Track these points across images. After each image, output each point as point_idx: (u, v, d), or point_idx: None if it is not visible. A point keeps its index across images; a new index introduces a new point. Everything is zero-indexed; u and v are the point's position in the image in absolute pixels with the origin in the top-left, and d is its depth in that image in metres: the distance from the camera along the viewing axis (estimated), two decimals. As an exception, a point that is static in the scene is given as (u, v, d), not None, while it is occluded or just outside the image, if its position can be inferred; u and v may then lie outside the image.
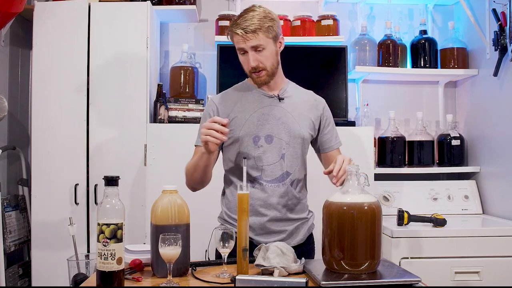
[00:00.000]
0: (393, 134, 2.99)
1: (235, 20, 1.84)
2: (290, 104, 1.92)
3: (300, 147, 1.90)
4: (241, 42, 1.81)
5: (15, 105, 2.97)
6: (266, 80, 1.87)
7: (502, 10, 2.63)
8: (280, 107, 1.90)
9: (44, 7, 2.75)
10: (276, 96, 1.91)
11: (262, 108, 1.89)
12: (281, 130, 1.87)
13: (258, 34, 1.80)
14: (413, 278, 1.46)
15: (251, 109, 1.89)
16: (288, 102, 1.92)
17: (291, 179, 1.88)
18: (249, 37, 1.79)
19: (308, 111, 1.94)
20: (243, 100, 1.92)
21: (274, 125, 1.87)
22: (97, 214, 1.43)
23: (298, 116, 1.91)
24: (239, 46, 1.83)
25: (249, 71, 1.87)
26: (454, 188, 2.96)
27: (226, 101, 1.94)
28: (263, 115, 1.88)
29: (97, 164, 2.68)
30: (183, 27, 3.20)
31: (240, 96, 1.94)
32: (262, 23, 1.81)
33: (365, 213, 1.50)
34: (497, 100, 2.78)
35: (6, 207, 2.71)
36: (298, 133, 1.89)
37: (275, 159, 1.86)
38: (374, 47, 3.03)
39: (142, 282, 1.51)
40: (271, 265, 1.53)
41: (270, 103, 1.90)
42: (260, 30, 1.80)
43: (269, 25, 1.82)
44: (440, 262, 2.41)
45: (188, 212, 1.60)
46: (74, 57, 2.72)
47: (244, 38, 1.79)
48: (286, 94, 1.94)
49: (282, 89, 1.94)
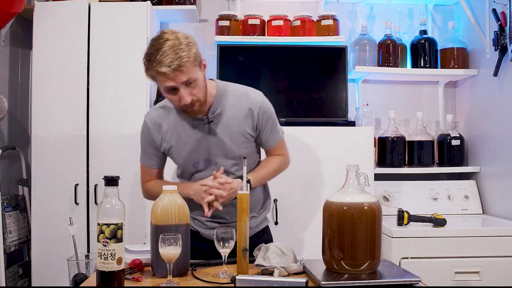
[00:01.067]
0: (393, 134, 2.99)
1: (151, 55, 1.65)
2: (221, 125, 1.85)
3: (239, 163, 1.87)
4: (169, 81, 1.65)
5: (15, 105, 2.97)
6: (199, 110, 1.77)
7: (502, 10, 2.63)
8: (211, 129, 1.85)
9: (44, 7, 2.75)
10: (206, 118, 1.84)
11: (195, 133, 1.85)
12: (217, 153, 1.86)
13: (187, 67, 1.65)
14: (413, 278, 1.46)
15: (184, 136, 1.85)
16: (220, 122, 1.84)
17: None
18: (177, 74, 1.63)
19: (241, 125, 1.86)
20: (176, 126, 1.86)
21: (209, 148, 1.85)
22: (97, 214, 1.43)
23: (231, 135, 1.85)
24: (167, 85, 1.66)
25: (181, 108, 1.75)
26: (454, 188, 2.96)
27: (159, 126, 1.88)
28: (196, 141, 1.85)
29: (97, 164, 2.68)
30: (183, 27, 3.20)
31: (172, 120, 1.87)
32: (187, 53, 1.65)
33: (365, 213, 1.50)
34: (497, 100, 2.78)
35: (6, 207, 2.71)
36: (234, 154, 1.86)
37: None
38: (374, 47, 3.03)
39: (142, 282, 1.51)
40: (271, 265, 1.53)
41: (201, 128, 1.85)
42: (188, 62, 1.64)
43: (194, 52, 1.68)
44: (440, 262, 2.41)
45: (188, 212, 1.60)
46: (74, 57, 2.72)
47: (174, 76, 1.63)
48: (216, 111, 1.84)
49: (211, 107, 1.84)
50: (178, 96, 1.70)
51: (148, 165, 1.95)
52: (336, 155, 2.65)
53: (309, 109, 2.89)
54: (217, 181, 1.77)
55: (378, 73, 3.06)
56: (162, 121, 1.89)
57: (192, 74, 1.68)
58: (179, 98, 1.70)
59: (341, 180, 1.59)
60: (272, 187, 2.63)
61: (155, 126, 1.88)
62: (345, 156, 2.64)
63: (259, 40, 2.96)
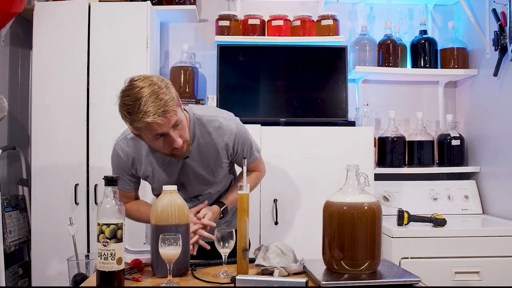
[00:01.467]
0: (393, 134, 2.99)
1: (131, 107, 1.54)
2: (197, 159, 1.83)
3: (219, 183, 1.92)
4: (159, 128, 1.57)
5: (15, 105, 2.97)
6: (188, 150, 1.73)
7: (502, 10, 2.63)
8: (186, 164, 1.83)
9: (44, 7, 2.75)
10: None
11: (169, 167, 1.84)
12: (192, 181, 1.88)
13: (175, 110, 1.59)
14: (413, 278, 1.46)
15: (159, 169, 1.84)
16: (194, 157, 1.82)
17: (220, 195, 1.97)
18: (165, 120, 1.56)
19: (217, 158, 1.85)
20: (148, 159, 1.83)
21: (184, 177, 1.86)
22: (97, 214, 1.43)
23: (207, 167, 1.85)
24: (157, 132, 1.59)
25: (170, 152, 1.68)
26: (454, 188, 2.96)
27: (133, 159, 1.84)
28: (171, 173, 1.85)
29: (97, 164, 2.68)
30: (183, 27, 3.20)
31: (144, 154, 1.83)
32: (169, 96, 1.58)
33: (365, 213, 1.50)
34: (497, 100, 2.78)
35: (6, 207, 2.71)
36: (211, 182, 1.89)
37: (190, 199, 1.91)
38: (374, 47, 3.03)
39: (142, 282, 1.51)
40: (271, 265, 1.53)
41: (176, 162, 1.83)
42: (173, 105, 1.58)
43: (174, 92, 1.62)
44: (440, 262, 2.41)
45: (188, 212, 1.60)
46: (74, 57, 2.72)
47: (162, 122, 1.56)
48: (192, 148, 1.79)
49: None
50: (167, 141, 1.64)
51: (124, 189, 1.91)
52: (336, 155, 2.65)
53: (309, 109, 2.89)
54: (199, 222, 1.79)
55: (378, 73, 3.06)
56: (134, 154, 1.84)
57: (178, 116, 1.61)
58: (169, 143, 1.64)
59: (341, 180, 1.59)
60: (272, 187, 2.64)
61: (128, 158, 1.84)
62: (345, 156, 2.64)
63: (259, 40, 2.96)
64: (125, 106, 1.58)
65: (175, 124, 1.62)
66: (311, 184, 2.67)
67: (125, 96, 1.58)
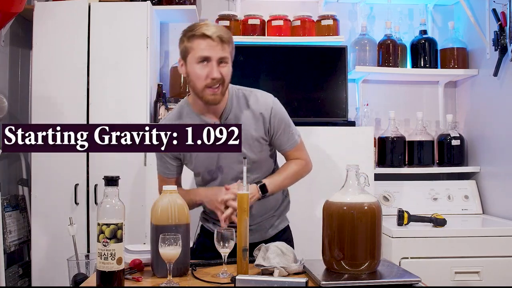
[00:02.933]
0: (393, 134, 2.99)
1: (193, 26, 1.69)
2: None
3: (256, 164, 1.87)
4: (208, 49, 1.66)
5: (15, 105, 2.97)
6: (219, 99, 1.75)
7: (502, 10, 2.63)
8: None
9: (44, 7, 2.75)
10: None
11: None
12: (230, 160, 1.83)
13: (229, 46, 1.69)
14: (413, 278, 1.46)
15: None
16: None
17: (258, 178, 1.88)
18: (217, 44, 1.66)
19: (254, 130, 1.84)
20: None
21: (221, 156, 1.83)
22: (97, 214, 1.43)
23: (245, 140, 1.79)
24: (203, 54, 1.67)
25: (205, 85, 1.71)
26: (454, 188, 2.96)
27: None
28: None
29: (97, 164, 2.68)
30: (183, 27, 3.13)
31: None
32: (229, 36, 1.69)
33: (365, 213, 1.50)
34: (497, 100, 2.78)
35: (6, 207, 2.71)
36: (248, 159, 1.82)
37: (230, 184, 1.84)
38: (374, 47, 3.03)
39: (142, 282, 1.51)
40: (271, 265, 1.53)
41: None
42: (230, 43, 1.68)
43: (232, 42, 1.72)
44: (440, 262, 2.41)
45: (188, 212, 1.60)
46: (74, 57, 2.72)
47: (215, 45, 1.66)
48: (229, 116, 1.82)
49: (223, 114, 1.82)
50: (207, 69, 1.69)
51: (164, 174, 1.92)
52: (336, 155, 2.65)
53: (309, 109, 2.89)
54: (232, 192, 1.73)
55: (378, 73, 3.06)
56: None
57: (228, 55, 1.71)
58: (208, 71, 1.69)
59: (341, 180, 1.59)
60: (272, 187, 2.64)
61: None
62: (345, 156, 2.63)
63: (259, 40, 2.96)
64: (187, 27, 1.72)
65: (221, 58, 1.69)
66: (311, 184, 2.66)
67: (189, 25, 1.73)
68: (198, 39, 1.67)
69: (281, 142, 1.90)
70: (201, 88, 1.72)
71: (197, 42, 1.68)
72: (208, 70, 1.69)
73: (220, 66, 1.70)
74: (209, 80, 1.69)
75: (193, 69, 1.72)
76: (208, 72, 1.69)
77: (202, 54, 1.68)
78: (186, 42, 1.71)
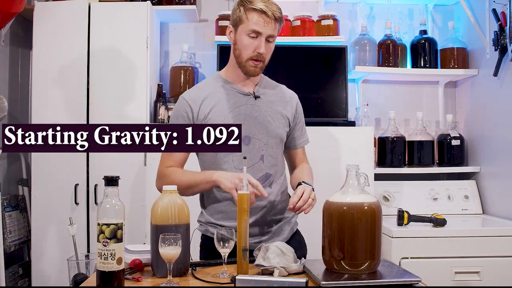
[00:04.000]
0: (393, 134, 2.99)
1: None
2: (266, 102, 1.85)
3: (278, 147, 1.86)
4: (262, 25, 1.73)
5: (15, 105, 2.97)
6: (258, 72, 1.82)
7: (502, 10, 2.63)
8: (256, 105, 1.83)
9: (44, 7, 2.75)
10: (252, 93, 1.85)
11: (238, 107, 1.82)
12: (258, 130, 1.81)
13: (278, 25, 1.77)
14: (413, 278, 1.46)
15: (226, 109, 1.81)
16: (264, 100, 1.85)
17: (270, 180, 1.83)
18: (271, 22, 1.73)
19: (283, 109, 1.88)
20: (217, 99, 1.82)
21: (251, 125, 1.81)
22: (97, 214, 1.43)
23: (274, 114, 1.85)
24: (256, 28, 1.73)
25: (249, 57, 1.77)
26: (454, 188, 2.96)
27: (200, 100, 1.82)
28: (239, 115, 1.80)
29: (97, 164, 2.68)
30: (183, 27, 3.20)
31: (213, 94, 1.83)
32: (281, 15, 1.77)
33: (365, 213, 1.50)
34: (497, 100, 2.78)
35: (6, 207, 2.71)
36: (276, 132, 1.84)
37: (254, 161, 1.80)
38: (374, 47, 3.03)
39: (142, 282, 1.51)
40: (271, 265, 1.53)
41: (246, 101, 1.83)
42: (281, 22, 1.76)
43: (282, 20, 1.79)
44: (440, 262, 2.41)
45: (188, 212, 1.60)
46: (74, 57, 2.72)
47: (269, 22, 1.73)
48: (261, 91, 1.87)
49: (257, 86, 1.87)
50: (256, 42, 1.75)
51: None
52: (336, 155, 2.65)
53: (309, 109, 2.86)
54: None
55: (378, 73, 3.06)
56: (200, 92, 1.84)
57: (276, 34, 1.77)
58: (256, 45, 1.75)
59: (341, 180, 1.59)
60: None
61: (190, 99, 1.82)
62: (345, 156, 2.64)
63: (259, 40, 2.95)
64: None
65: (270, 36, 1.76)
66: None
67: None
68: (255, 13, 1.73)
69: (298, 135, 1.94)
70: (246, 58, 1.78)
71: (252, 15, 1.73)
72: (256, 44, 1.75)
73: (267, 43, 1.77)
74: (255, 54, 1.76)
75: (242, 40, 1.77)
76: (256, 46, 1.76)
77: (254, 28, 1.74)
78: (242, 12, 1.76)
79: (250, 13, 1.74)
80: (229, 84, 1.85)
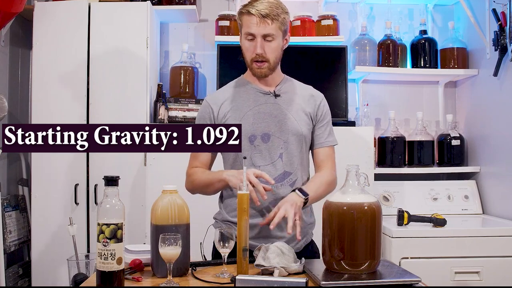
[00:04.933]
0: (393, 134, 2.99)
1: (250, 2, 1.78)
2: (287, 100, 1.86)
3: (298, 145, 1.84)
4: (253, 26, 1.75)
5: (15, 105, 2.97)
6: (266, 72, 1.82)
7: (502, 10, 2.63)
8: (276, 104, 1.84)
9: (44, 7, 2.75)
10: (272, 92, 1.86)
11: (258, 106, 1.84)
12: (277, 128, 1.82)
13: (273, 23, 1.76)
14: (413, 278, 1.46)
15: (245, 106, 1.84)
16: (285, 98, 1.86)
17: (291, 179, 1.82)
18: (261, 22, 1.74)
19: (305, 105, 1.88)
20: (237, 97, 1.86)
21: (270, 123, 1.82)
22: (97, 214, 1.43)
23: (295, 112, 1.85)
24: (249, 30, 1.77)
25: (251, 60, 1.80)
26: (454, 188, 2.96)
27: (220, 101, 1.87)
28: (258, 113, 1.82)
29: (97, 164, 2.68)
30: (183, 27, 3.20)
31: (234, 93, 1.88)
32: (278, 12, 1.76)
33: (365, 213, 1.50)
34: (497, 100, 2.78)
35: (6, 207, 2.71)
36: (296, 130, 1.83)
37: (273, 159, 1.81)
38: (374, 47, 3.03)
39: (142, 282, 1.51)
40: (271, 265, 1.53)
41: (266, 100, 1.85)
42: (275, 20, 1.75)
43: (284, 17, 1.78)
44: (440, 262, 2.41)
45: (188, 212, 1.60)
46: (74, 57, 2.72)
47: (258, 22, 1.74)
48: (282, 90, 1.88)
49: (279, 85, 1.88)
50: (253, 45, 1.78)
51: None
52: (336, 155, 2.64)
53: (309, 109, 2.88)
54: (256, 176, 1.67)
55: (378, 73, 3.06)
56: (222, 94, 1.91)
57: (273, 32, 1.76)
58: (253, 48, 1.78)
59: (341, 180, 1.59)
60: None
61: (215, 101, 1.88)
62: (345, 156, 2.62)
63: (259, 40, 2.95)
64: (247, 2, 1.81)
65: (267, 35, 1.76)
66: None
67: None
68: (245, 16, 1.78)
69: (322, 134, 1.90)
70: (249, 61, 1.82)
71: (245, 18, 1.78)
72: (254, 46, 1.78)
73: (265, 42, 1.78)
74: (254, 55, 1.79)
75: (243, 44, 1.82)
76: (253, 48, 1.79)
77: (247, 31, 1.78)
78: (238, 17, 1.83)
79: (242, 16, 1.79)
80: (250, 84, 1.88)
